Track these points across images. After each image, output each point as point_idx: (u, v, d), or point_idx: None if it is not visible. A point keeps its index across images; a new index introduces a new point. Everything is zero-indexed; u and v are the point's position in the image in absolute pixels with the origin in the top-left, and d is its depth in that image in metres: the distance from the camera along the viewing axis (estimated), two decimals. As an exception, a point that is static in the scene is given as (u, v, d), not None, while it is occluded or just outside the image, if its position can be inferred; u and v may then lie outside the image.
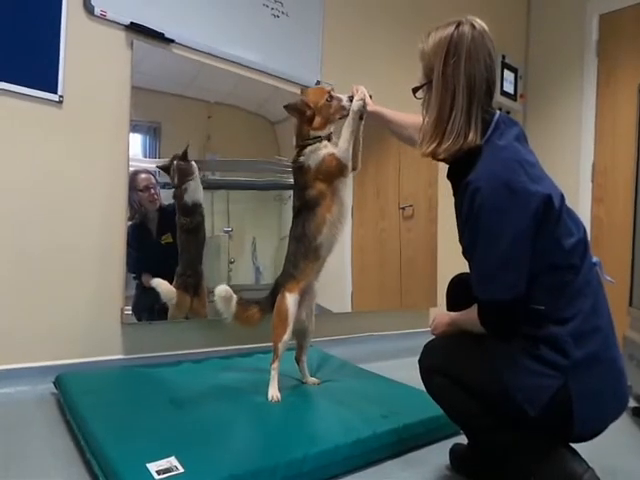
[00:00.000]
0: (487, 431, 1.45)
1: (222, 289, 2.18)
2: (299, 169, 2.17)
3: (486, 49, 1.46)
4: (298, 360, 2.35)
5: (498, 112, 1.51)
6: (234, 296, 2.20)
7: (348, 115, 2.13)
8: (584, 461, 1.38)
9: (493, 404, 1.39)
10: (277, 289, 2.21)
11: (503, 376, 1.35)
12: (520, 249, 1.32)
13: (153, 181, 2.67)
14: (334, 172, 2.12)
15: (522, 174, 1.35)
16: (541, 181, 1.37)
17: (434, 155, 1.50)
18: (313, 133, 2.17)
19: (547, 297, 1.34)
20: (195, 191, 2.73)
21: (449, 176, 1.57)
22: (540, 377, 1.31)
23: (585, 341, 1.31)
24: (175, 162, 2.69)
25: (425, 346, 1.62)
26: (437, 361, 1.56)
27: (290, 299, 2.12)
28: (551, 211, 1.34)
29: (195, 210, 2.74)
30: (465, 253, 1.48)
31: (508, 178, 1.33)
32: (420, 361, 1.60)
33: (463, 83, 1.43)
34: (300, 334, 2.30)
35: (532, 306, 1.34)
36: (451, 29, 1.46)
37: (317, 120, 2.16)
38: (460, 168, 1.45)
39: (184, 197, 2.70)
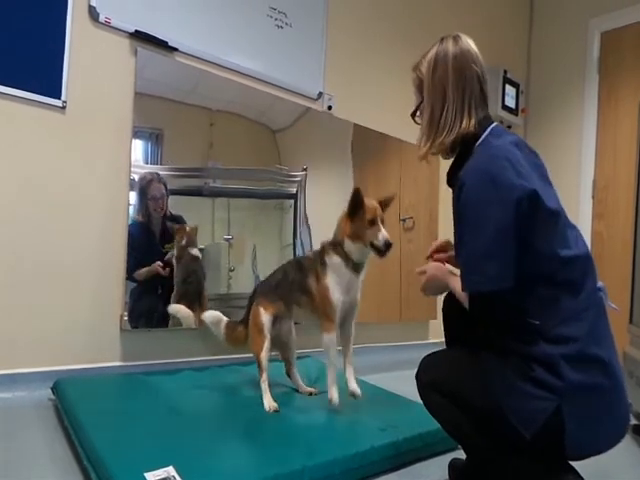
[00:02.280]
0: (484, 451, 1.44)
1: (209, 315, 2.35)
2: (314, 269, 2.14)
3: (473, 53, 1.51)
4: (289, 374, 2.38)
5: (495, 123, 1.53)
6: (224, 319, 2.35)
7: (376, 251, 2.00)
8: None
9: (489, 425, 1.38)
10: (254, 297, 2.27)
11: (499, 399, 1.34)
12: (502, 240, 1.31)
13: (163, 191, 2.70)
14: (322, 309, 2.08)
15: (509, 169, 1.34)
16: (531, 180, 1.36)
17: (431, 150, 1.53)
18: (347, 243, 2.05)
19: (542, 312, 1.33)
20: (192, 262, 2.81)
21: (449, 182, 1.58)
22: (535, 400, 1.30)
23: (582, 368, 1.29)
24: (188, 228, 2.76)
25: (422, 361, 1.61)
26: (434, 378, 1.55)
27: (264, 314, 2.17)
28: (538, 208, 1.33)
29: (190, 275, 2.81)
30: (456, 254, 1.48)
31: (493, 173, 1.34)
32: (418, 376, 1.60)
33: (452, 80, 1.48)
34: (283, 349, 2.34)
35: (527, 319, 1.33)
36: (435, 47, 1.54)
37: (354, 225, 2.03)
38: (457, 170, 1.47)
39: (183, 257, 2.76)
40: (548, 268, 1.35)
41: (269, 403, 2.06)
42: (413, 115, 1.63)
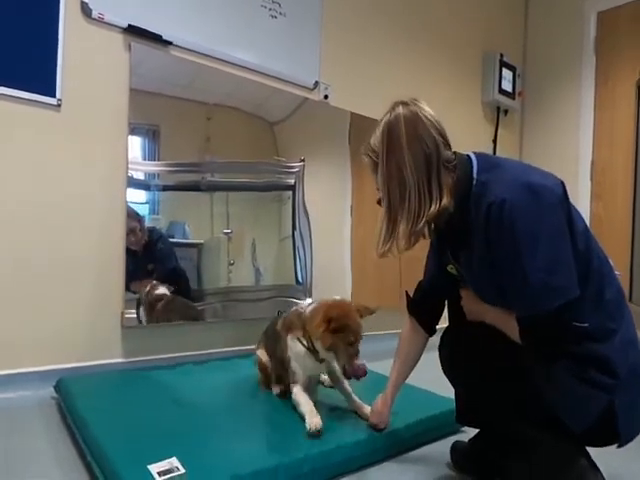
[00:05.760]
0: (511, 421, 1.40)
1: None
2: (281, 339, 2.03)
3: (426, 113, 1.40)
4: None
5: (470, 153, 1.44)
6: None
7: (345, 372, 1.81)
8: (599, 472, 1.36)
9: (535, 418, 1.35)
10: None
11: (548, 397, 1.31)
12: (562, 246, 1.26)
13: (134, 224, 2.61)
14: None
15: (536, 174, 1.33)
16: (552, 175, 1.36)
17: (397, 247, 1.45)
18: (320, 347, 1.85)
19: (591, 312, 1.29)
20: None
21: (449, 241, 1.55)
22: (588, 399, 1.28)
23: (627, 354, 1.29)
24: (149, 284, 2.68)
25: (451, 333, 1.62)
26: (473, 353, 1.49)
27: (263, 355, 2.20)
28: (568, 199, 1.32)
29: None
30: (497, 281, 1.36)
31: (525, 181, 1.29)
32: (446, 344, 1.62)
33: (407, 149, 1.38)
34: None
35: (576, 324, 1.28)
36: (386, 117, 1.45)
37: (333, 338, 1.78)
38: (464, 216, 1.38)
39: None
40: (590, 260, 1.32)
41: (275, 389, 2.14)
42: (380, 202, 1.48)
